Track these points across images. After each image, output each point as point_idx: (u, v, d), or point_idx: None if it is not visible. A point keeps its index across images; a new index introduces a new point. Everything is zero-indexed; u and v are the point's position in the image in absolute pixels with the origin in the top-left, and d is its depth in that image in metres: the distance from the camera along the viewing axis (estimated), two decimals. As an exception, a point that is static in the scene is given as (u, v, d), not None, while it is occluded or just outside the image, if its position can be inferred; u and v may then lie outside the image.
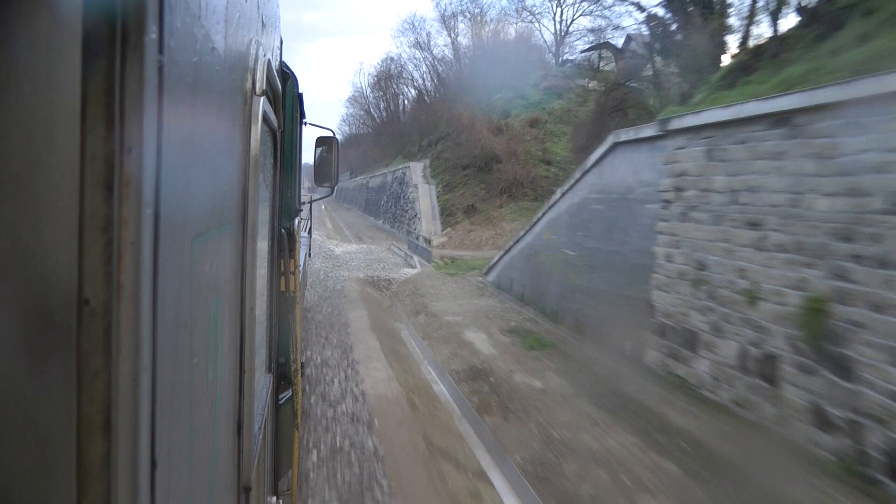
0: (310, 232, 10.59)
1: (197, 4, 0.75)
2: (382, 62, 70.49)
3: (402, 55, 71.72)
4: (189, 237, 0.76)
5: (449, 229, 28.19)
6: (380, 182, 46.44)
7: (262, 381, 1.90)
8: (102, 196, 0.53)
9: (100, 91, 0.53)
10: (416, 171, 35.23)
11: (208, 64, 0.84)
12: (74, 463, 0.52)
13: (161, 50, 0.60)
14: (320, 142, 4.00)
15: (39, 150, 0.52)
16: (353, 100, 77.01)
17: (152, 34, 0.57)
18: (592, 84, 32.50)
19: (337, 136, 4.10)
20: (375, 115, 67.07)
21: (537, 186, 27.69)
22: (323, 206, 54.12)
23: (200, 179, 0.82)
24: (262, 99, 1.41)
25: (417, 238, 27.75)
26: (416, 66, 55.70)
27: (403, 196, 35.70)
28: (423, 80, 50.84)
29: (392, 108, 61.01)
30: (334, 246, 27.91)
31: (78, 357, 0.52)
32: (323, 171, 4.00)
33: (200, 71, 0.79)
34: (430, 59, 48.95)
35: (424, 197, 31.94)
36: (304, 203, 4.41)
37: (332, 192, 4.39)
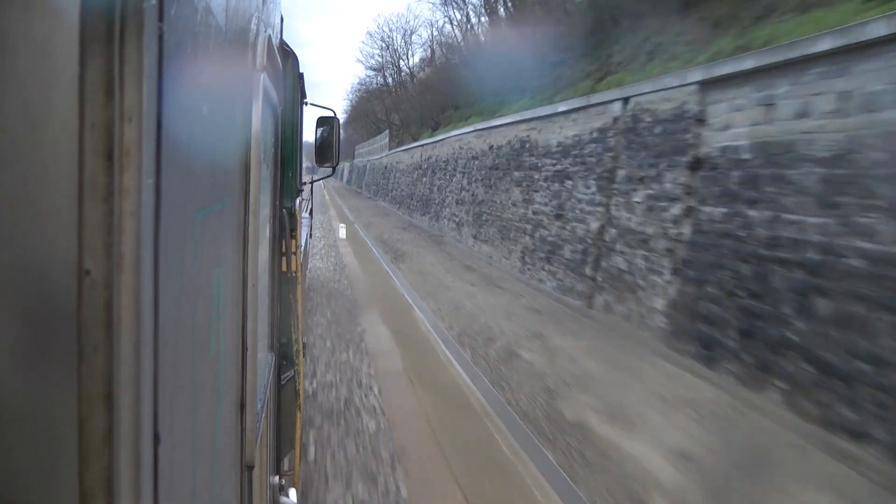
0: (311, 213, 10.59)
1: None
2: None
3: None
4: (191, 210, 0.75)
5: None
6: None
7: (264, 360, 1.90)
8: (102, 165, 0.52)
9: (98, 57, 0.52)
10: None
11: (209, 36, 0.82)
12: (76, 436, 0.52)
13: (161, 17, 0.58)
14: (321, 122, 3.99)
15: (37, 117, 0.51)
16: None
17: (152, 0, 0.55)
18: None
19: (338, 114, 4.07)
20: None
21: None
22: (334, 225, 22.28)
23: (201, 153, 0.81)
24: (262, 75, 1.39)
25: None
26: None
27: None
28: None
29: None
30: None
31: (79, 329, 0.52)
32: (324, 151, 3.99)
33: (200, 43, 0.77)
34: None
35: None
36: (304, 183, 4.40)
37: (333, 172, 4.38)
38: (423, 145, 28.05)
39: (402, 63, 48.25)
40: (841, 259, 5.63)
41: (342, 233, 18.58)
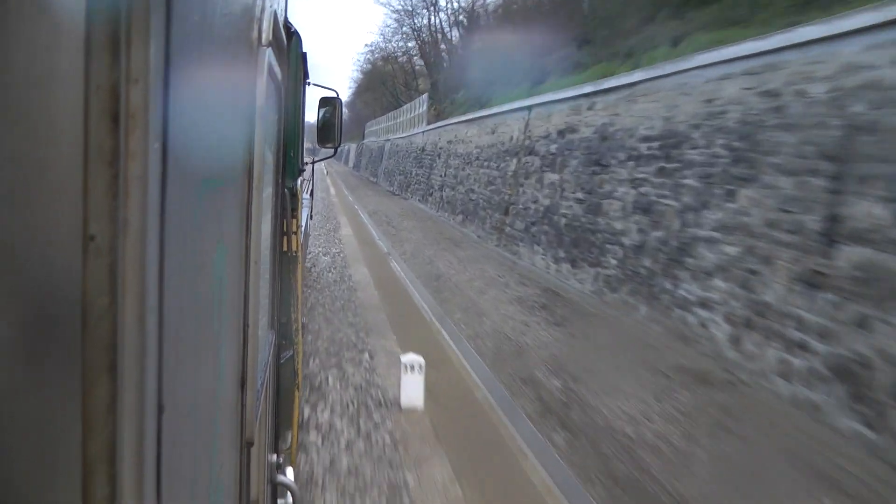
0: (312, 193, 10.59)
1: None
2: None
3: None
4: (196, 181, 0.74)
5: None
6: None
7: (265, 338, 1.90)
8: (108, 128, 0.51)
9: (104, 18, 0.50)
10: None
11: (215, 5, 0.81)
12: (79, 406, 0.51)
13: None
14: (324, 102, 3.97)
15: (41, 78, 0.49)
16: None
17: None
18: None
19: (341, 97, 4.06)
20: None
21: None
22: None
23: (206, 123, 0.80)
24: (267, 50, 1.37)
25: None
26: None
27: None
28: None
29: None
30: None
31: (83, 296, 0.51)
32: (326, 132, 3.98)
33: (207, 11, 0.76)
34: None
35: None
36: (306, 164, 4.39)
37: (335, 153, 4.37)
38: (531, 107, 14.18)
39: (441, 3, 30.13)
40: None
41: (410, 392, 5.48)
